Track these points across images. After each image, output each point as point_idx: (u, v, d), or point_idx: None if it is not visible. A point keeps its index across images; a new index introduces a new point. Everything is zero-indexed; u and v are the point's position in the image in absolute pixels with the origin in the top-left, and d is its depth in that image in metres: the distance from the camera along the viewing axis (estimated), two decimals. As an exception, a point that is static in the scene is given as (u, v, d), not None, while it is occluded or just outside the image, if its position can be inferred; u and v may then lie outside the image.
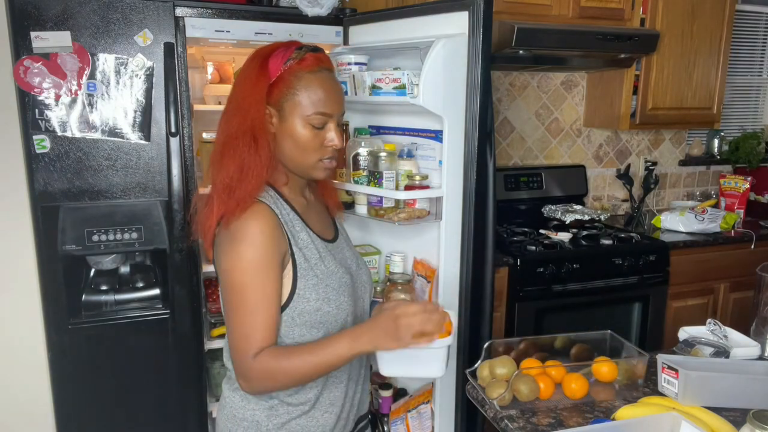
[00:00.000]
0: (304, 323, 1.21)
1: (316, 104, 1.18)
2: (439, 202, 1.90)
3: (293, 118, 1.18)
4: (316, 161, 1.22)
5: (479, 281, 1.94)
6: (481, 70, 1.80)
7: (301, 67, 1.18)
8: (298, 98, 1.18)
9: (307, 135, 1.19)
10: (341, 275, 1.26)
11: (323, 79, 1.20)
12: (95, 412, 2.18)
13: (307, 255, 1.21)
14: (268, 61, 1.19)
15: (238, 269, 1.13)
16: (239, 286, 1.14)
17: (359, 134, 2.12)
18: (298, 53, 1.19)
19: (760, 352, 1.55)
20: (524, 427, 1.26)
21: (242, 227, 1.13)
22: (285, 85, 1.18)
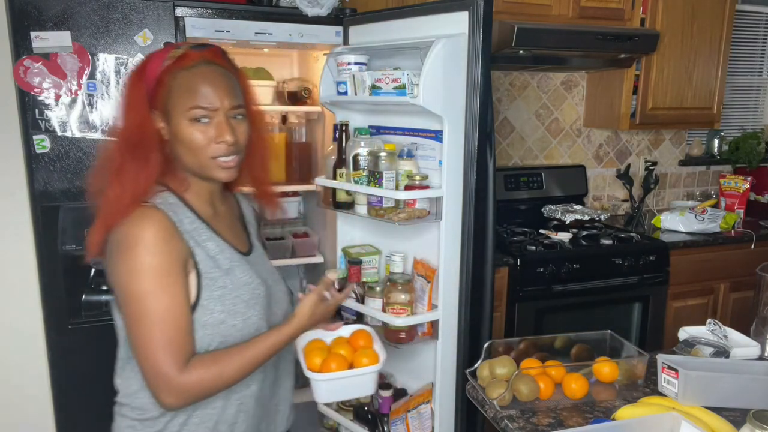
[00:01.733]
0: (205, 336, 1.13)
1: (193, 99, 1.13)
2: (439, 202, 1.90)
3: (177, 118, 1.13)
4: (209, 160, 1.15)
5: (479, 281, 1.94)
6: (481, 70, 1.80)
7: (177, 65, 1.14)
8: (175, 97, 1.13)
9: (192, 133, 1.13)
10: (255, 286, 1.20)
11: (198, 73, 1.14)
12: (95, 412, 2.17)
13: (215, 264, 1.16)
14: (146, 66, 1.15)
15: (136, 277, 1.06)
16: (141, 294, 1.06)
17: (359, 134, 2.12)
18: (174, 52, 1.15)
19: (760, 352, 1.55)
20: (524, 427, 1.26)
21: (132, 232, 1.07)
22: (163, 87, 1.13)
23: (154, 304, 1.06)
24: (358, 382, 1.32)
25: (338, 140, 2.09)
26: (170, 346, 1.06)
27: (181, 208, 1.16)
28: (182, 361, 1.07)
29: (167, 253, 1.08)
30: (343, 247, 2.26)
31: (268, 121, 2.53)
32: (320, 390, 1.31)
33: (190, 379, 1.07)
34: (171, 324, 1.07)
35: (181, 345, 1.08)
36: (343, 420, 2.18)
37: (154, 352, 1.06)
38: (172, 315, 1.07)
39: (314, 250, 2.57)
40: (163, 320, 1.06)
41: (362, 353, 1.35)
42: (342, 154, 2.07)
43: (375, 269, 2.16)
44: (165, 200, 1.15)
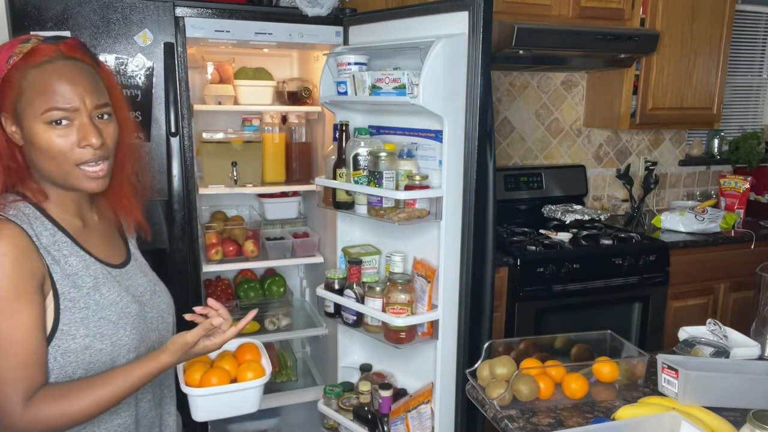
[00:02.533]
0: (68, 364, 1.02)
1: (48, 99, 0.99)
2: (439, 202, 1.90)
3: (30, 122, 1.00)
4: (74, 168, 1.03)
5: (479, 281, 1.94)
6: (481, 70, 1.80)
7: (27, 62, 1.00)
8: (27, 99, 0.99)
9: (50, 138, 1.00)
10: (124, 305, 1.10)
11: (54, 70, 1.01)
12: (95, 412, 2.18)
13: (76, 282, 1.04)
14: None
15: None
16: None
17: (359, 134, 2.12)
18: (22, 47, 1.01)
19: (760, 352, 1.55)
20: (524, 427, 1.26)
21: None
22: (10, 87, 0.99)
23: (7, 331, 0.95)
24: (240, 398, 1.22)
25: (338, 140, 2.09)
26: (14, 380, 0.96)
27: (39, 220, 1.04)
28: (26, 396, 0.97)
29: (18, 275, 0.96)
30: (343, 247, 2.26)
31: (269, 121, 2.53)
32: (198, 407, 1.20)
33: (31, 416, 0.97)
34: (17, 354, 0.96)
35: (27, 378, 0.97)
36: (343, 420, 2.18)
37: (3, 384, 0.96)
38: (16, 345, 0.96)
39: (314, 250, 2.57)
40: (8, 351, 0.96)
41: (247, 367, 1.24)
42: (342, 154, 2.07)
43: (375, 269, 2.16)
44: (20, 211, 1.03)
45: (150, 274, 1.25)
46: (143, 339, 1.13)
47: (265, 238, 2.55)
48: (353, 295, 2.08)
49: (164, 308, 1.22)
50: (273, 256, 2.48)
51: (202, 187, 2.30)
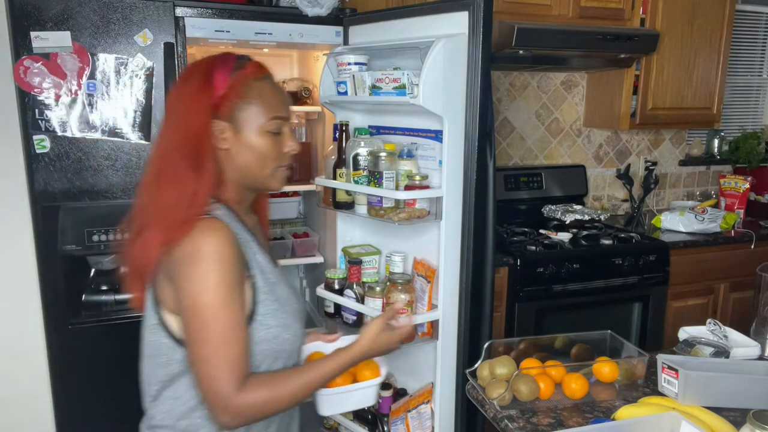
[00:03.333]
0: (260, 352, 1.12)
1: (271, 109, 1.15)
2: (439, 202, 1.90)
3: (249, 128, 1.13)
4: (275, 170, 1.18)
5: (479, 281, 1.94)
6: (481, 70, 1.80)
7: (247, 75, 1.14)
8: (251, 107, 1.13)
9: (265, 143, 1.14)
10: (294, 300, 1.21)
11: (272, 85, 1.18)
12: (95, 412, 2.18)
13: (267, 277, 1.15)
14: (212, 74, 1.12)
15: (206, 292, 1.03)
16: (209, 310, 1.03)
17: (359, 134, 2.12)
18: (239, 63, 1.15)
19: (760, 352, 1.55)
20: (524, 427, 1.26)
21: (201, 246, 1.04)
22: (236, 96, 1.12)
23: (219, 322, 1.04)
24: (361, 395, 1.34)
25: (338, 140, 2.09)
26: (230, 366, 1.04)
27: (234, 221, 1.14)
28: (240, 381, 1.05)
29: (232, 268, 1.06)
30: (343, 247, 2.26)
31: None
32: (323, 403, 1.31)
33: (246, 400, 1.05)
34: (232, 343, 1.05)
35: (240, 364, 1.06)
36: (343, 420, 2.18)
37: (215, 370, 1.04)
38: (234, 333, 1.05)
39: (314, 250, 2.57)
40: (227, 339, 1.04)
41: (365, 366, 1.35)
42: (342, 154, 2.07)
43: (375, 269, 2.16)
44: (221, 211, 1.13)
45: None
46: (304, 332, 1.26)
47: (265, 238, 2.55)
48: (353, 295, 2.08)
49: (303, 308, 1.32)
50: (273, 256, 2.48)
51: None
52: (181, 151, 1.09)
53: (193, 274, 1.04)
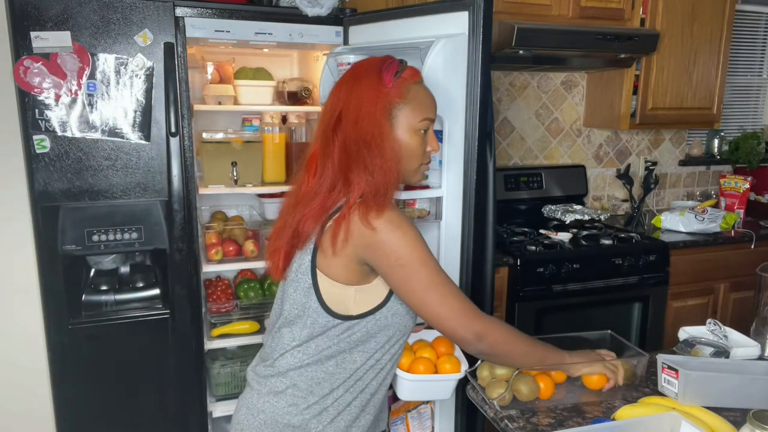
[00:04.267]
0: (394, 324, 1.26)
1: (424, 111, 1.28)
2: (439, 202, 1.90)
3: (404, 126, 1.26)
4: (419, 166, 1.31)
5: (479, 281, 1.93)
6: (481, 70, 1.80)
7: (408, 78, 1.27)
8: (408, 107, 1.26)
9: (415, 142, 1.28)
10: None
11: (425, 89, 1.32)
12: (95, 412, 2.18)
13: None
14: (382, 75, 1.25)
15: (417, 247, 1.19)
16: (426, 260, 1.19)
17: (359, 134, 2.12)
18: (402, 66, 1.28)
19: (760, 352, 1.55)
20: (524, 427, 1.26)
21: (394, 215, 1.19)
22: (398, 96, 1.25)
23: (438, 268, 1.21)
24: (440, 387, 1.44)
25: (338, 140, 2.09)
26: (465, 298, 1.23)
27: None
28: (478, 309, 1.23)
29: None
30: (343, 247, 2.25)
31: (269, 121, 2.53)
32: (404, 388, 1.40)
33: (493, 323, 1.25)
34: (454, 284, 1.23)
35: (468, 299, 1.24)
36: None
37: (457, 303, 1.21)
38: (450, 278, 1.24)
39: (314, 250, 2.57)
40: (448, 280, 1.22)
41: (447, 360, 1.44)
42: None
43: (375, 269, 2.15)
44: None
45: None
46: None
47: (265, 238, 2.55)
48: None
49: None
50: None
51: (202, 187, 2.29)
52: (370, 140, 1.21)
53: (400, 236, 1.18)
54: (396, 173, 1.24)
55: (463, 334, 1.22)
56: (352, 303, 1.23)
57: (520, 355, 1.30)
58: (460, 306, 1.22)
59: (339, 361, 1.26)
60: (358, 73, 1.29)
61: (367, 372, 1.28)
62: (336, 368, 1.26)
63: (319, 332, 1.24)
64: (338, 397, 1.26)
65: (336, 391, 1.26)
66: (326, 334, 1.24)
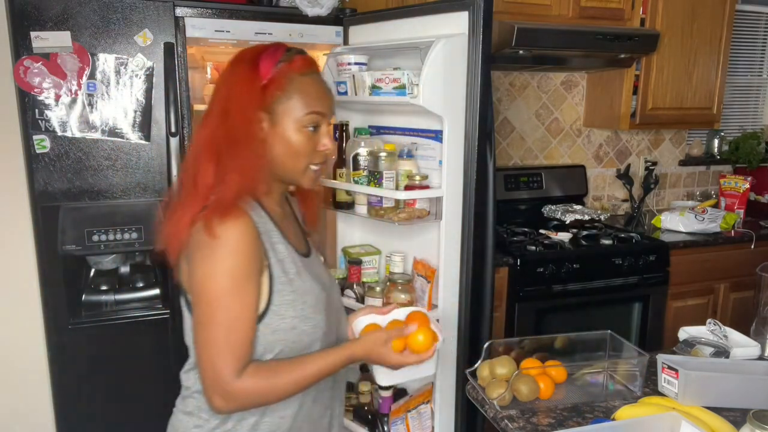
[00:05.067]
0: (276, 341, 1.12)
1: (310, 104, 1.15)
2: (439, 202, 1.90)
3: (286, 121, 1.14)
4: (306, 167, 1.17)
5: (479, 281, 1.94)
6: (481, 70, 1.80)
7: (292, 69, 1.15)
8: (291, 101, 1.14)
9: (300, 138, 1.15)
10: (318, 292, 1.19)
11: (315, 81, 1.18)
12: (95, 412, 2.18)
13: (285, 268, 1.14)
14: (260, 63, 1.13)
15: (218, 277, 1.05)
16: (218, 295, 1.05)
17: (359, 134, 2.12)
18: (287, 55, 1.16)
19: (760, 352, 1.55)
20: (524, 427, 1.26)
21: (223, 233, 1.05)
22: (277, 88, 1.13)
23: (226, 310, 1.05)
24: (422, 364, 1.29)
25: (338, 140, 2.09)
26: (232, 352, 1.06)
27: (257, 209, 1.15)
28: (240, 368, 1.06)
29: (249, 257, 1.07)
30: (343, 247, 2.26)
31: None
32: (380, 374, 1.29)
33: (243, 386, 1.06)
34: (238, 330, 1.06)
35: (242, 352, 1.07)
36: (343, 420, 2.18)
37: (216, 355, 1.06)
38: (241, 322, 1.06)
39: (314, 250, 2.57)
40: (231, 326, 1.06)
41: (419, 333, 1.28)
42: (342, 154, 2.07)
43: (375, 269, 2.16)
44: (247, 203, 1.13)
45: (324, 267, 1.34)
46: (330, 325, 1.23)
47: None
48: (353, 295, 2.08)
49: (338, 301, 1.32)
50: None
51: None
52: (231, 135, 1.10)
53: (207, 260, 1.05)
54: (254, 178, 1.12)
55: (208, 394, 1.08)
56: None
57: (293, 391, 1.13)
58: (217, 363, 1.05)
59: None
60: (235, 60, 1.18)
61: None
62: None
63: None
64: (240, 419, 1.15)
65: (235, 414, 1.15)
66: None
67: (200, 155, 1.12)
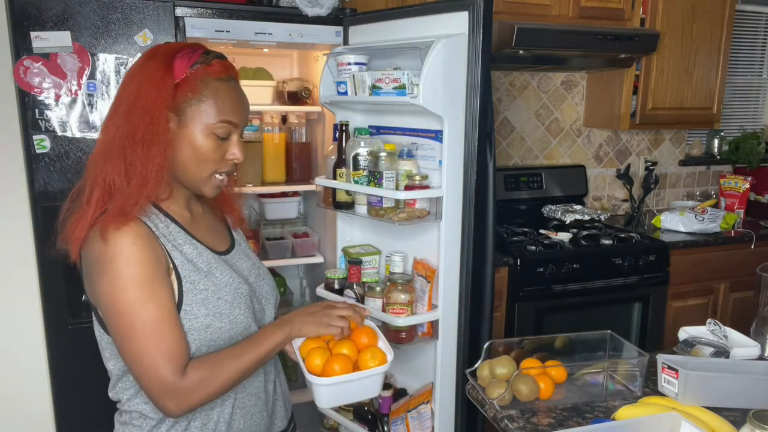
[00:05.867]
0: (191, 342, 1.09)
1: (223, 112, 1.10)
2: (439, 202, 1.90)
3: (195, 125, 1.09)
4: (210, 175, 1.13)
5: (479, 281, 1.94)
6: (481, 70, 1.80)
7: (208, 72, 1.10)
8: (203, 105, 1.09)
9: (208, 145, 1.10)
10: (237, 285, 1.17)
11: (231, 88, 1.13)
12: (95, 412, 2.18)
13: (194, 266, 1.12)
14: (173, 63, 1.08)
15: (120, 289, 1.02)
16: (127, 306, 1.02)
17: (359, 134, 2.12)
18: (205, 58, 1.11)
19: (760, 352, 1.55)
20: (524, 427, 1.26)
21: (116, 242, 1.02)
22: (190, 90, 1.08)
23: (142, 315, 1.03)
24: (364, 385, 1.21)
25: (338, 140, 2.09)
26: (167, 354, 1.03)
27: (154, 213, 1.12)
28: (181, 367, 1.04)
29: (146, 261, 1.04)
30: (343, 247, 2.26)
31: (269, 121, 2.53)
32: (322, 395, 1.19)
33: (191, 383, 1.05)
34: (164, 332, 1.04)
35: (178, 351, 1.05)
36: (343, 420, 2.18)
37: (152, 362, 1.03)
38: (164, 323, 1.04)
39: (314, 250, 2.57)
40: (156, 330, 1.03)
41: (368, 352, 1.22)
42: (342, 154, 2.07)
43: (375, 269, 2.16)
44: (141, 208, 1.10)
45: (254, 258, 1.32)
46: (256, 317, 1.21)
47: (265, 238, 2.55)
48: (353, 295, 2.08)
49: (268, 289, 1.29)
50: (273, 256, 2.48)
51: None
52: (137, 134, 1.05)
53: (106, 275, 1.03)
54: (157, 181, 1.07)
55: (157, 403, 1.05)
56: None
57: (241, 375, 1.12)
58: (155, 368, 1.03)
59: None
60: (147, 56, 1.12)
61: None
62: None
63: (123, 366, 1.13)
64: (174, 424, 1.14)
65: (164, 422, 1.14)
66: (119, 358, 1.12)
67: (105, 153, 1.08)
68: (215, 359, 1.09)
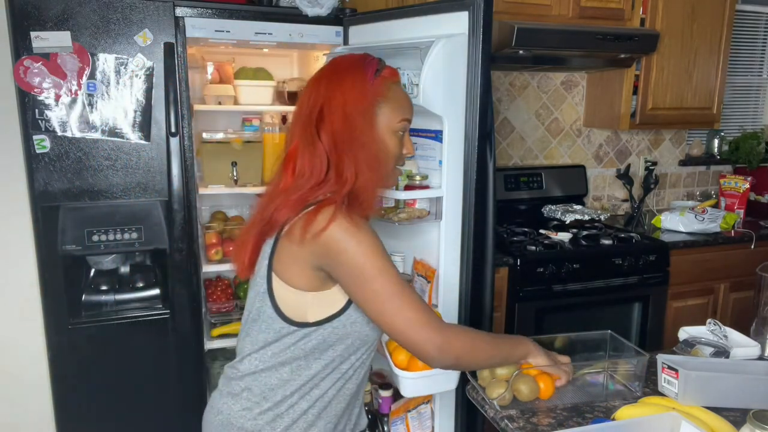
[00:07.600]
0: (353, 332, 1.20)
1: (403, 111, 1.25)
2: (439, 202, 1.90)
3: (382, 126, 1.23)
4: (394, 168, 1.28)
5: (479, 281, 1.93)
6: (481, 70, 1.80)
7: (391, 78, 1.25)
8: (389, 107, 1.23)
9: (394, 142, 1.25)
10: None
11: (403, 89, 1.30)
12: (95, 412, 2.18)
13: None
14: (366, 71, 1.22)
15: (376, 256, 1.14)
16: (382, 269, 1.14)
17: (359, 134, 2.12)
18: (381, 64, 1.25)
19: (760, 352, 1.55)
20: (524, 427, 1.26)
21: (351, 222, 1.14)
22: (379, 94, 1.22)
23: (395, 279, 1.15)
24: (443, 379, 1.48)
25: (338, 140, 2.09)
26: (424, 307, 1.16)
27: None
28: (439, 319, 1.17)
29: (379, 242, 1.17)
30: (343, 247, 2.25)
31: (269, 121, 2.53)
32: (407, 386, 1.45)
33: (453, 331, 1.18)
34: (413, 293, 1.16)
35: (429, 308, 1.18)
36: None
37: (413, 313, 1.14)
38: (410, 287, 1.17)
39: (314, 250, 2.57)
40: (405, 290, 1.15)
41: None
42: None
43: (375, 269, 2.15)
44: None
45: None
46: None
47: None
48: (353, 295, 2.08)
49: None
50: None
51: (202, 187, 2.29)
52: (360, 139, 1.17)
53: (357, 246, 1.13)
54: (384, 172, 1.22)
55: (423, 346, 1.16)
56: (308, 310, 1.18)
57: (485, 360, 1.28)
58: (418, 317, 1.15)
59: (294, 369, 1.21)
60: (340, 68, 1.24)
61: (323, 380, 1.23)
62: (291, 375, 1.21)
63: (273, 338, 1.21)
64: (293, 405, 1.22)
65: (290, 398, 1.22)
66: (281, 340, 1.20)
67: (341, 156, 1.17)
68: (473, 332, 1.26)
